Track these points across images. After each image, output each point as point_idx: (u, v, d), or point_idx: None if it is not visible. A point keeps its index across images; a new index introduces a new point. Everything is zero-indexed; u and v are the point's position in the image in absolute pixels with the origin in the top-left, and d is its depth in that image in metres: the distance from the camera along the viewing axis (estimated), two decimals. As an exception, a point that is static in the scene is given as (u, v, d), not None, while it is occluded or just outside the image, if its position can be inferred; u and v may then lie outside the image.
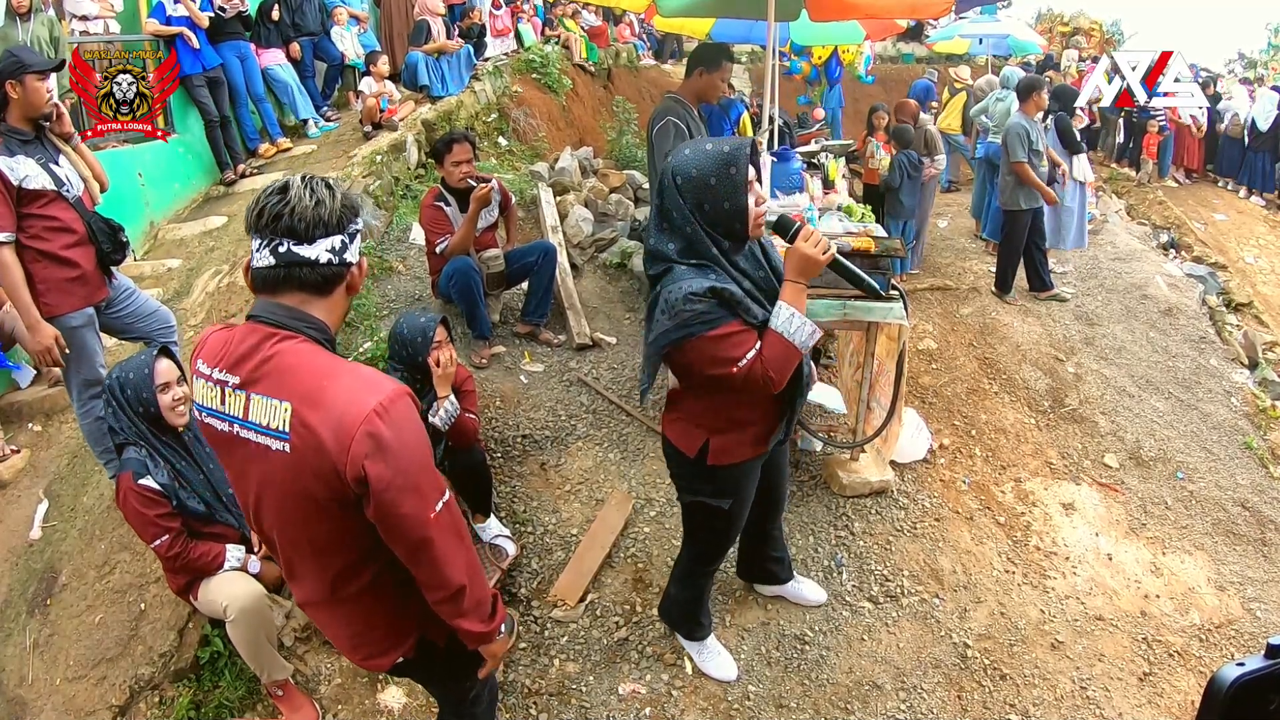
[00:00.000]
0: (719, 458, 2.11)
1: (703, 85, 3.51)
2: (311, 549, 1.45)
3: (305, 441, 1.29)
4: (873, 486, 3.53)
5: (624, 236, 5.52)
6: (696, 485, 2.23)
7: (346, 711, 2.55)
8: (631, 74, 11.15)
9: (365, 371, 1.37)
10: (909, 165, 6.09)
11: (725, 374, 1.87)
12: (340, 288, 1.40)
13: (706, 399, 2.08)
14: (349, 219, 1.38)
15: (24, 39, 4.55)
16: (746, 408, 2.07)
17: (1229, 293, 7.09)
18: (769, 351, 1.86)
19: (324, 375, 1.31)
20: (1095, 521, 3.92)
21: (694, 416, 2.13)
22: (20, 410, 3.73)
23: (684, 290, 1.82)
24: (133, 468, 2.30)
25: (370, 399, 1.29)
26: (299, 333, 1.34)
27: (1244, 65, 18.00)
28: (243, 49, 6.16)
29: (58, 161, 2.79)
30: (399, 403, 1.32)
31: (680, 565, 2.59)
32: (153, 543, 2.30)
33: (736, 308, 1.86)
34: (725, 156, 1.81)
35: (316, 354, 1.34)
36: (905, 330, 3.29)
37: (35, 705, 2.51)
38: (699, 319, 1.82)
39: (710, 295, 1.81)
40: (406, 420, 1.33)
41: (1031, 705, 2.83)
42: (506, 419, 3.76)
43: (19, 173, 2.64)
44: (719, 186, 1.81)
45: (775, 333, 1.86)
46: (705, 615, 2.67)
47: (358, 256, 1.42)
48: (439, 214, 3.96)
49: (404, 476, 1.31)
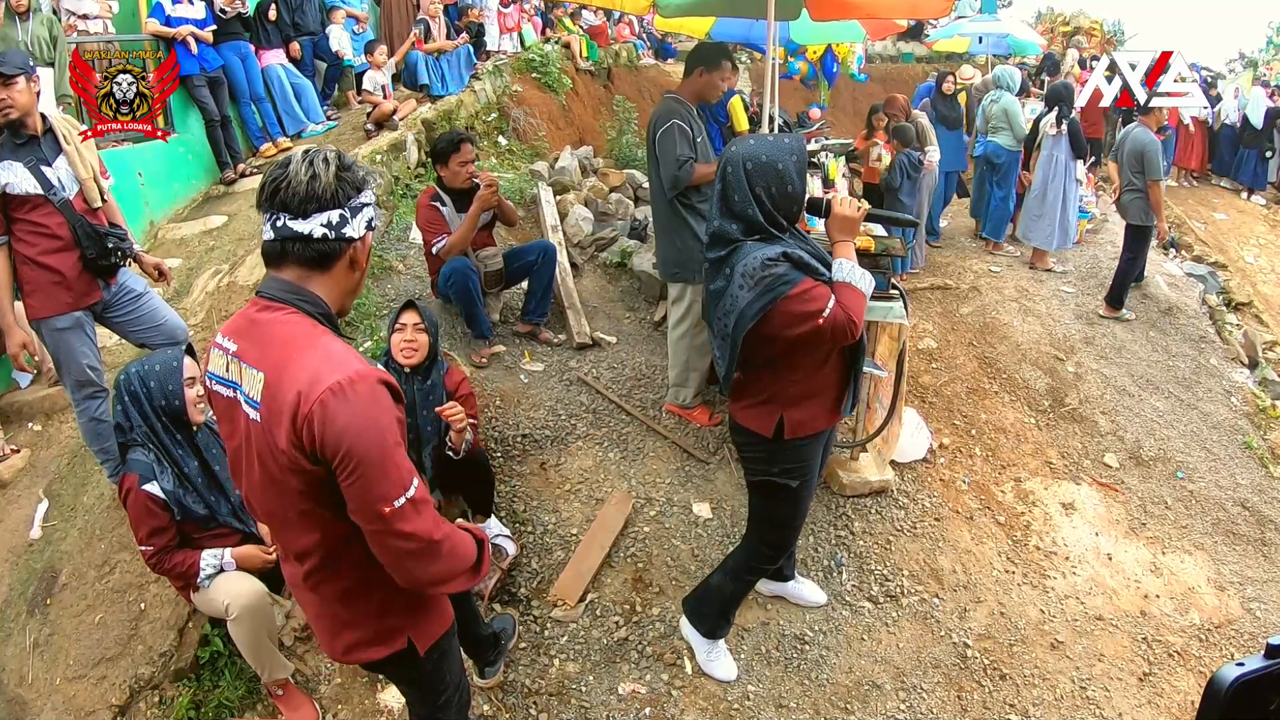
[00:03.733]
0: (796, 430, 2.24)
1: (702, 85, 3.51)
2: (284, 524, 1.45)
3: (271, 412, 1.31)
4: (873, 486, 3.53)
5: (624, 236, 5.52)
6: (770, 465, 2.32)
7: (346, 711, 2.55)
8: (631, 73, 11.14)
9: (338, 349, 1.34)
10: (909, 165, 6.09)
11: (812, 327, 2.03)
12: (340, 263, 1.39)
13: (778, 377, 2.22)
14: (348, 193, 1.35)
15: (23, 39, 4.56)
16: (818, 378, 2.22)
17: (1229, 292, 7.09)
18: (844, 299, 2.06)
19: (298, 349, 1.32)
20: (1095, 521, 3.92)
21: (768, 396, 2.25)
22: (20, 410, 3.73)
23: (760, 258, 2.02)
24: (139, 470, 2.31)
25: (331, 375, 1.27)
26: (293, 306, 1.35)
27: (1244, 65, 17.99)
28: (243, 49, 6.16)
29: (52, 163, 2.80)
30: (360, 384, 1.28)
31: (735, 558, 2.59)
32: (140, 546, 2.35)
33: (806, 268, 2.05)
34: (789, 146, 2.07)
35: (300, 327, 1.34)
36: (905, 329, 3.30)
37: (35, 705, 2.51)
38: (780, 280, 2.01)
39: (783, 259, 2.02)
40: (365, 402, 1.28)
41: (1031, 705, 2.83)
42: (506, 418, 3.76)
43: (1, 179, 2.71)
44: (785, 171, 2.03)
45: (842, 283, 2.08)
46: (732, 616, 2.68)
47: (362, 231, 1.39)
48: (435, 214, 3.94)
49: (355, 459, 1.27)
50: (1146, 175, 5.45)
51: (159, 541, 2.31)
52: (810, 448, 2.30)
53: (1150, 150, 5.43)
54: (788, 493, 2.32)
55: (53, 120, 2.91)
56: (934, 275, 6.34)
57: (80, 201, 2.87)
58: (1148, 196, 5.49)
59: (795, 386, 2.22)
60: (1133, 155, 5.52)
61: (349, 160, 1.39)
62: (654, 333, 4.61)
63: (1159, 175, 5.43)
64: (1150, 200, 5.49)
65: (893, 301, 3.25)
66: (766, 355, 2.18)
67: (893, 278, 3.34)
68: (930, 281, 6.16)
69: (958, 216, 8.22)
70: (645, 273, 4.95)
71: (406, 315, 2.81)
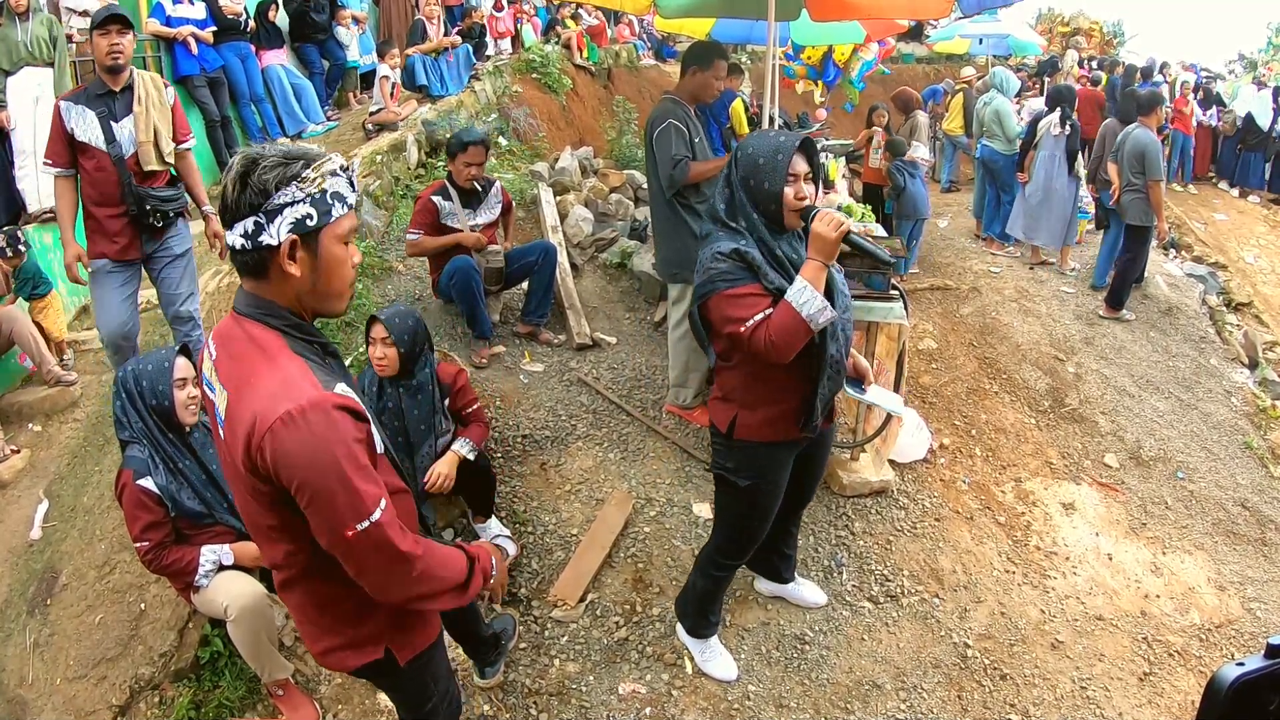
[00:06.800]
0: (742, 432, 2.24)
1: (696, 84, 3.52)
2: (258, 533, 1.45)
3: (231, 432, 1.31)
4: (873, 486, 3.53)
5: (624, 236, 5.52)
6: (724, 460, 2.34)
7: (346, 711, 2.55)
8: (631, 73, 11.14)
9: (294, 371, 1.29)
10: (907, 169, 6.13)
11: (735, 332, 2.00)
12: (273, 271, 1.32)
13: (736, 374, 2.21)
14: (255, 200, 1.26)
15: (23, 39, 4.55)
16: (773, 386, 2.18)
17: (1229, 292, 7.09)
18: (776, 318, 1.97)
19: (254, 369, 1.30)
20: (1095, 521, 3.92)
21: (728, 391, 2.26)
22: (20, 410, 3.73)
23: (713, 250, 2.05)
24: (134, 466, 2.31)
25: (283, 404, 1.24)
26: (256, 319, 1.35)
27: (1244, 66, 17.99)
28: (243, 49, 6.16)
29: (120, 120, 3.02)
30: (312, 412, 1.24)
31: (703, 552, 2.61)
32: (135, 544, 2.35)
33: (756, 271, 2.02)
34: (776, 145, 2.04)
35: (259, 343, 1.32)
36: (905, 330, 3.30)
37: (35, 705, 2.51)
38: (721, 276, 2.02)
39: (734, 256, 2.02)
40: (318, 431, 1.24)
41: (1031, 705, 2.83)
42: (507, 419, 3.76)
43: (71, 122, 2.98)
44: (765, 168, 2.02)
45: (786, 302, 1.97)
46: (715, 614, 2.68)
47: (283, 236, 1.28)
48: (429, 206, 3.99)
49: (311, 489, 1.25)
50: (1147, 175, 5.45)
51: (154, 537, 2.30)
52: (764, 453, 2.27)
53: (1151, 150, 5.43)
54: (738, 491, 2.31)
55: (136, 78, 3.07)
56: (934, 276, 6.35)
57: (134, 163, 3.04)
58: (1148, 197, 5.50)
59: (748, 389, 2.21)
60: (1133, 155, 5.52)
61: (266, 159, 1.28)
62: (654, 333, 4.61)
63: (1160, 175, 5.44)
64: (1150, 200, 5.49)
65: (893, 302, 3.25)
66: (721, 349, 2.20)
67: (893, 278, 3.34)
68: (930, 282, 6.16)
69: (958, 216, 8.23)
70: (645, 273, 4.95)
71: (374, 330, 2.83)
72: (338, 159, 1.34)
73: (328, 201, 1.30)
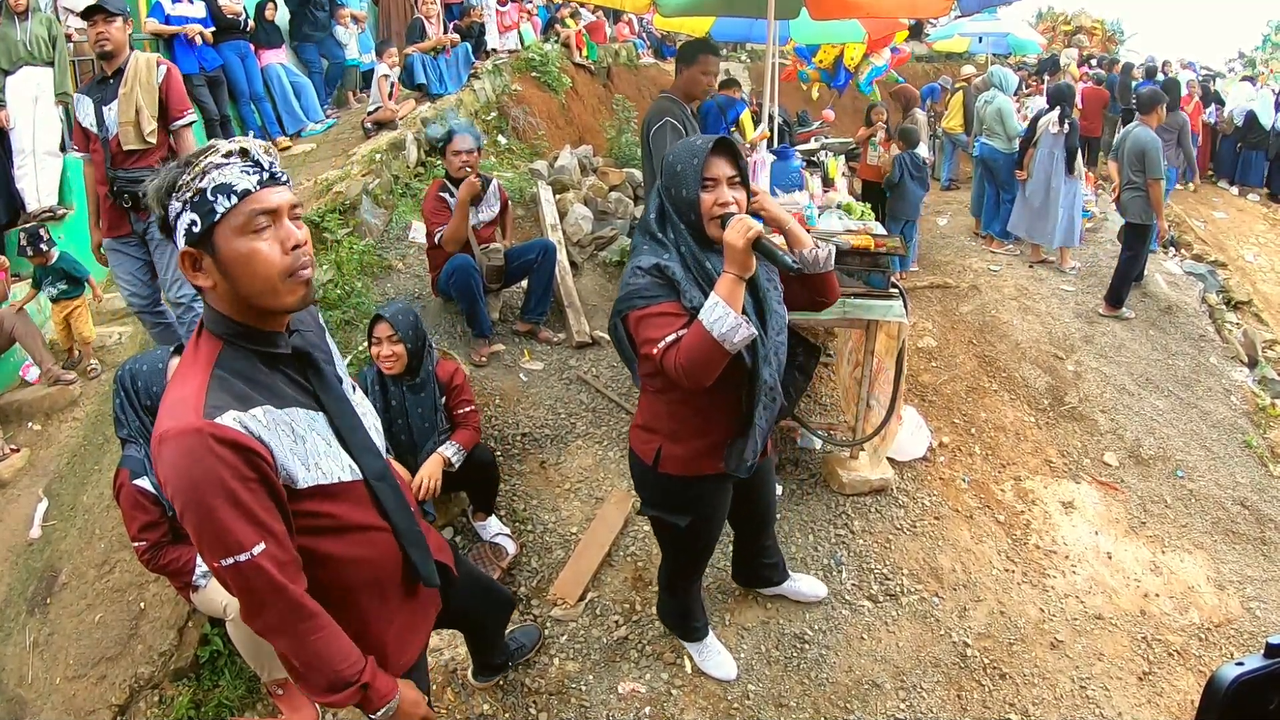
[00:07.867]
0: (670, 466, 2.04)
1: (685, 81, 3.55)
2: None
3: None
4: (872, 485, 3.53)
5: (624, 235, 5.52)
6: (653, 497, 2.15)
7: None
8: (631, 72, 11.13)
9: (189, 391, 1.22)
10: (911, 165, 6.10)
11: (648, 354, 1.83)
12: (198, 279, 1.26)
13: (662, 400, 2.02)
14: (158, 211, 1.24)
15: (22, 38, 4.55)
16: (701, 415, 1.99)
17: (1229, 291, 7.08)
18: (687, 340, 1.76)
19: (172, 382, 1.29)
20: (1095, 520, 3.92)
21: (650, 419, 2.07)
22: (20, 410, 3.73)
23: (633, 265, 1.90)
24: (131, 465, 2.32)
25: (163, 424, 1.20)
26: (205, 327, 1.31)
27: (1244, 65, 17.99)
28: (243, 48, 6.16)
29: (109, 104, 3.12)
30: (184, 439, 1.16)
31: (661, 574, 2.58)
32: (133, 542, 2.36)
33: (676, 288, 1.84)
34: (692, 149, 1.86)
35: (196, 354, 1.29)
36: (904, 328, 3.29)
37: (35, 704, 2.51)
38: (638, 293, 1.85)
39: (653, 272, 1.85)
40: (185, 459, 1.16)
41: (1031, 704, 2.83)
42: (506, 417, 3.76)
43: (78, 111, 3.21)
44: (682, 174, 1.84)
45: (698, 322, 1.74)
46: (697, 619, 2.66)
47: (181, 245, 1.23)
48: (441, 203, 3.99)
49: (180, 511, 1.20)
50: (1147, 174, 5.44)
51: (151, 536, 2.31)
52: (696, 486, 2.08)
53: (1151, 149, 5.42)
54: (674, 530, 2.15)
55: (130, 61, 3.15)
56: (933, 274, 6.35)
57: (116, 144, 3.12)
58: (1148, 195, 5.49)
59: (673, 416, 2.01)
60: (1134, 154, 5.52)
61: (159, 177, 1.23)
62: (654, 332, 4.60)
63: (1160, 174, 5.43)
64: (1151, 199, 5.49)
65: (892, 300, 3.25)
66: (646, 371, 2.00)
67: (892, 276, 3.34)
68: (930, 280, 6.16)
69: (957, 215, 8.23)
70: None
71: (379, 329, 2.82)
72: (228, 144, 1.23)
73: (209, 199, 1.19)
